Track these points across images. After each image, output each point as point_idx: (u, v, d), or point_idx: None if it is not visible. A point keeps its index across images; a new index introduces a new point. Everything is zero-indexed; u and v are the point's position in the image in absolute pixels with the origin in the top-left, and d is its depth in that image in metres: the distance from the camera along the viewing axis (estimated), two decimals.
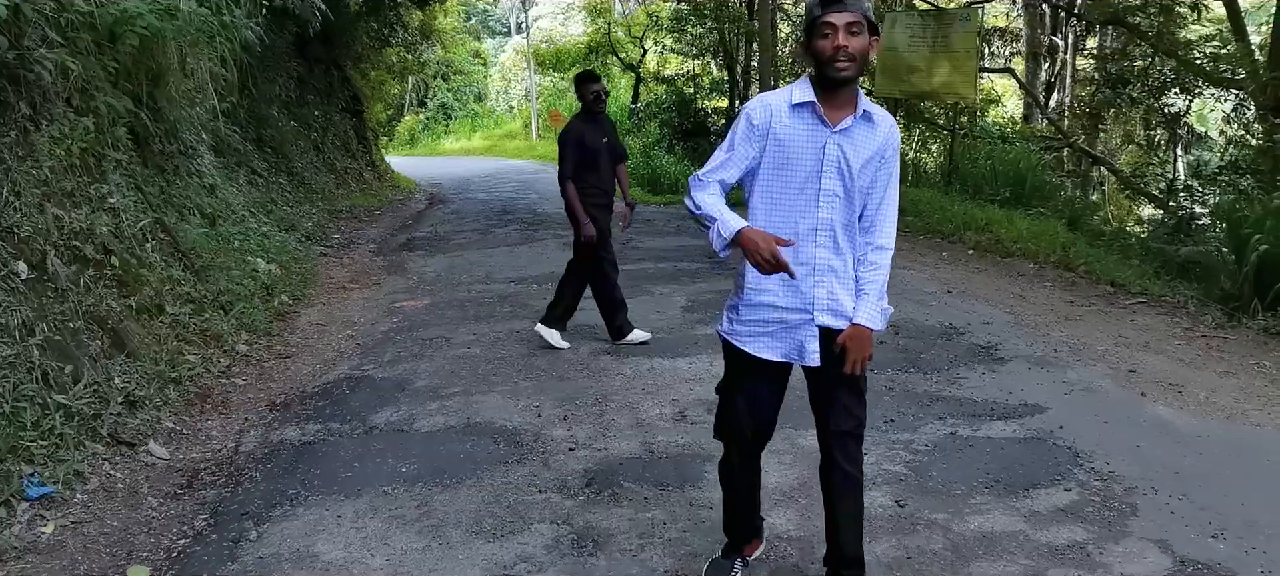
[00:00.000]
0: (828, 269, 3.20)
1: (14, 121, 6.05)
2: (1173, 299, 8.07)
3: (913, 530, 4.05)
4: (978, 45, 15.76)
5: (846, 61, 3.03)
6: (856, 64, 3.06)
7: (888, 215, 3.26)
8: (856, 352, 3.19)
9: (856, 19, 3.03)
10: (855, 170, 3.14)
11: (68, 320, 5.61)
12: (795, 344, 3.26)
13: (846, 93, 3.12)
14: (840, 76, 3.05)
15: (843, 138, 3.13)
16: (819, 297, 3.20)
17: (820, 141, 3.14)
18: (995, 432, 5.13)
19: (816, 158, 3.14)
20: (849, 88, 3.12)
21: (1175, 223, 12.74)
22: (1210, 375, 6.15)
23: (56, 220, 6.03)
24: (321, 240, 12.64)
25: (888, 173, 3.22)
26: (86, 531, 4.29)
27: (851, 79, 3.09)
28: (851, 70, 3.05)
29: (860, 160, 3.15)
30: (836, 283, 3.21)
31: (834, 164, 3.14)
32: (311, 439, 5.39)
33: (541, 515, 4.30)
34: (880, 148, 3.18)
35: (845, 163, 3.13)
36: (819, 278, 3.20)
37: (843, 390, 3.28)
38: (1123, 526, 4.03)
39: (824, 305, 3.21)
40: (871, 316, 3.20)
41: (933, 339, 6.96)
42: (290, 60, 17.30)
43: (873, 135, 3.17)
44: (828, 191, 3.16)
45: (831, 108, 3.13)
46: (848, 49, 3.02)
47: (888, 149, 3.20)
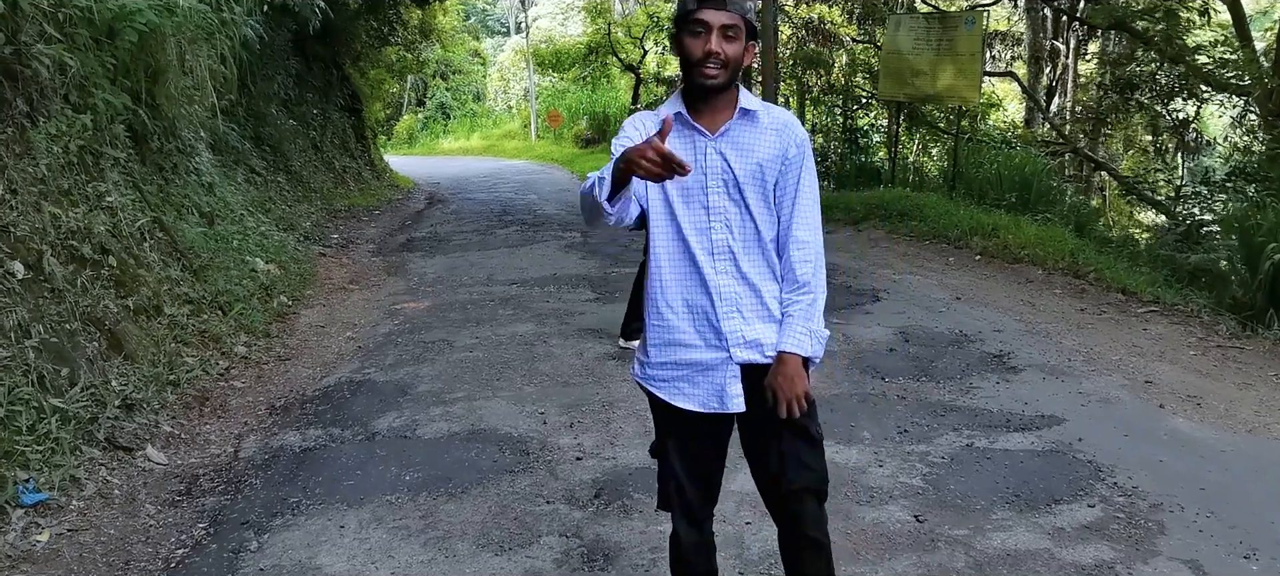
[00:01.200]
0: (733, 297, 2.77)
1: (11, 118, 5.93)
2: (1185, 308, 7.96)
3: (933, 547, 3.94)
4: (981, 49, 15.67)
5: (717, 69, 2.66)
6: (728, 71, 2.68)
7: (801, 221, 2.79)
8: (788, 390, 2.72)
9: (734, 21, 2.66)
10: (741, 178, 2.75)
11: (64, 321, 5.49)
12: (715, 389, 2.81)
13: (723, 98, 2.75)
14: (706, 83, 2.69)
15: (724, 142, 2.76)
16: (730, 331, 2.77)
17: (700, 152, 2.76)
18: (1013, 444, 5.02)
19: (700, 171, 2.75)
20: (723, 96, 2.75)
21: (1184, 230, 12.64)
22: (1228, 387, 6.05)
23: (53, 219, 5.91)
24: (320, 240, 12.51)
25: (793, 174, 2.78)
26: (82, 540, 4.17)
27: (721, 88, 2.71)
28: (721, 78, 2.68)
29: (748, 165, 2.75)
30: (749, 312, 2.78)
31: (717, 175, 2.75)
32: (312, 444, 5.27)
33: (550, 527, 4.19)
34: (776, 147, 2.77)
35: (729, 171, 2.75)
36: (728, 309, 2.77)
37: (786, 438, 2.81)
38: (1151, 545, 3.92)
39: (738, 339, 2.77)
40: (799, 342, 2.74)
41: (943, 346, 6.85)
42: (289, 58, 17.16)
43: (758, 135, 2.77)
44: (716, 208, 2.76)
45: (708, 114, 2.76)
46: (720, 55, 2.65)
47: (789, 148, 2.77)
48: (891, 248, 11.24)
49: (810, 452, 2.83)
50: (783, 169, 2.78)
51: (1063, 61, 23.53)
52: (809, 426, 2.81)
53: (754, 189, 2.76)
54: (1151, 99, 16.82)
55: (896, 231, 12.17)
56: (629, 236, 12.61)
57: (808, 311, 2.77)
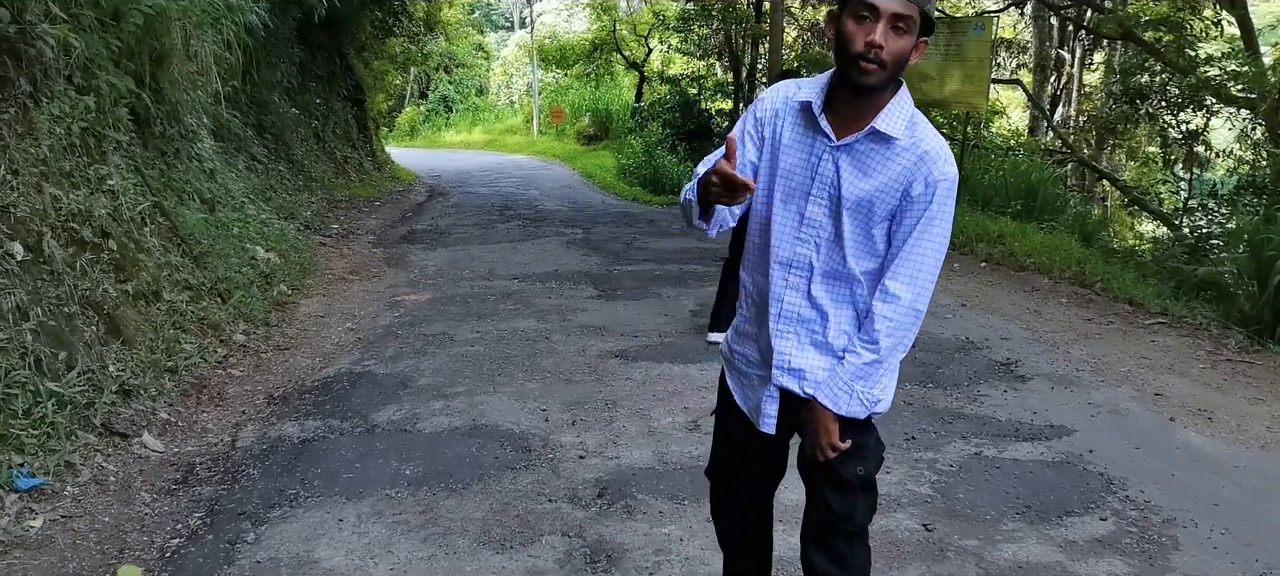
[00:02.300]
0: (796, 319, 2.51)
1: (13, 98, 5.85)
2: (1193, 320, 7.89)
3: (943, 557, 3.86)
4: (990, 55, 15.60)
5: (873, 65, 2.30)
6: (887, 70, 2.31)
7: (905, 272, 2.41)
8: (814, 439, 2.51)
9: (909, 11, 2.28)
10: (849, 201, 2.41)
11: (63, 304, 5.41)
12: (755, 402, 2.65)
13: (867, 103, 2.38)
14: (862, 81, 2.33)
15: (844, 155, 2.42)
16: (779, 351, 2.53)
17: (816, 155, 2.45)
18: (1022, 454, 4.95)
19: (808, 173, 2.46)
20: (872, 98, 2.38)
21: (1192, 243, 12.57)
22: (1239, 401, 5.98)
23: (54, 201, 5.83)
24: (321, 230, 12.44)
25: (916, 217, 2.40)
26: (77, 526, 4.09)
27: (874, 88, 2.35)
28: (876, 77, 2.32)
29: (861, 190, 2.40)
30: (804, 340, 2.52)
31: (825, 186, 2.43)
32: (311, 436, 5.20)
33: (552, 526, 4.11)
34: (902, 178, 2.39)
35: (837, 187, 2.42)
36: (783, 327, 2.52)
37: (817, 474, 2.62)
38: (1165, 561, 3.85)
39: (783, 363, 2.53)
40: (835, 398, 2.46)
41: (950, 353, 6.78)
42: (293, 46, 17.09)
43: (887, 158, 2.40)
44: (810, 219, 2.46)
45: (842, 115, 2.42)
46: (883, 49, 2.28)
47: (916, 183, 2.38)
48: None
49: (835, 495, 2.60)
50: (903, 204, 2.40)
51: (1068, 70, 23.50)
52: (840, 469, 2.55)
53: (857, 216, 2.42)
54: (1161, 109, 16.74)
55: None
56: (630, 234, 12.57)
57: (863, 371, 2.44)
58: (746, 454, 2.78)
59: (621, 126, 31.24)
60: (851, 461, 2.54)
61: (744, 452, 2.78)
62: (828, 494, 2.60)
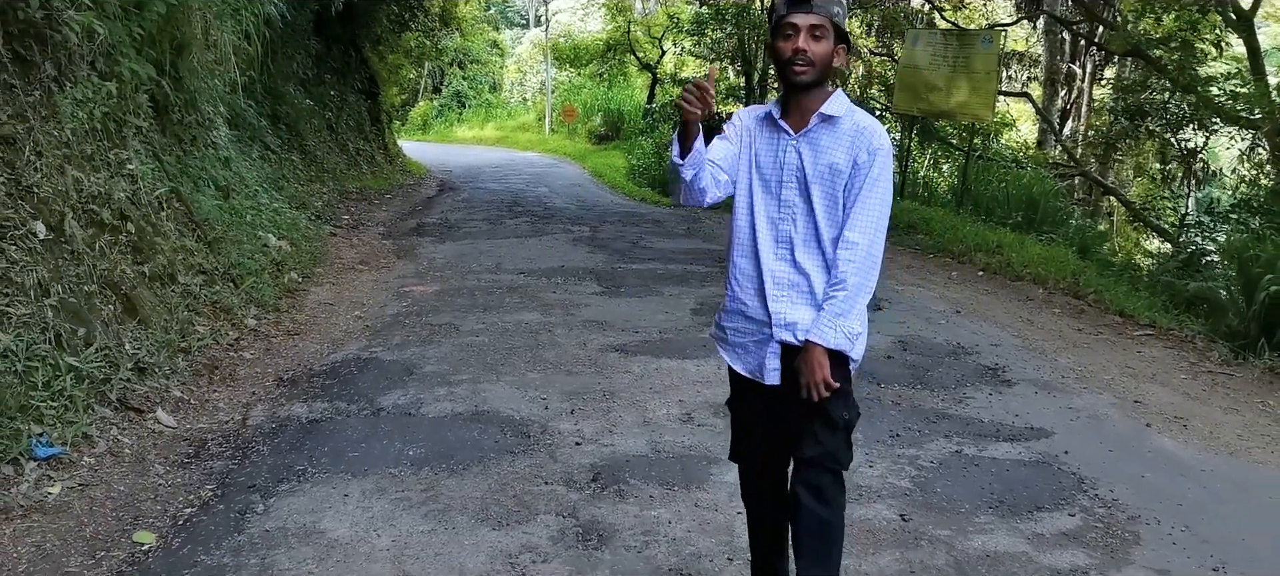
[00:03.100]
0: (788, 284, 3.03)
1: (39, 81, 6.07)
2: (1181, 332, 8.07)
3: (916, 544, 4.06)
4: (997, 68, 15.77)
5: (804, 66, 2.91)
6: (815, 68, 2.92)
7: (857, 224, 2.96)
8: (808, 376, 2.93)
9: (821, 22, 2.90)
10: (810, 176, 2.98)
11: (82, 283, 5.63)
12: (758, 361, 3.10)
13: (811, 98, 2.98)
14: (795, 80, 2.94)
15: (803, 143, 3.00)
16: (776, 312, 3.03)
17: (781, 149, 3.03)
18: (1000, 454, 5.14)
19: (776, 165, 3.03)
20: (813, 94, 2.98)
21: (1186, 258, 12.74)
22: (1215, 410, 6.16)
23: (76, 183, 6.05)
24: (331, 220, 12.67)
25: (862, 178, 2.95)
26: (93, 494, 4.31)
27: (809, 85, 2.95)
28: (809, 75, 2.92)
29: (820, 165, 2.97)
30: (797, 299, 3.02)
31: (792, 171, 3.00)
32: (319, 417, 5.41)
33: (547, 506, 4.32)
34: (848, 150, 2.96)
35: (800, 170, 2.99)
36: (778, 292, 3.03)
37: (806, 416, 3.02)
38: (1125, 554, 4.04)
39: (780, 320, 3.03)
40: (822, 333, 2.93)
41: (940, 357, 6.97)
42: (309, 38, 17.32)
43: (835, 137, 2.98)
44: (786, 201, 3.02)
45: (794, 115, 3.02)
46: (807, 52, 2.90)
47: (860, 153, 2.95)
48: (896, 259, 11.33)
49: (826, 431, 3.02)
50: (852, 171, 2.96)
51: (1078, 85, 23.63)
52: (829, 409, 2.98)
53: (821, 188, 2.97)
54: (1161, 127, 16.90)
55: (902, 244, 12.28)
56: (637, 233, 12.77)
57: (840, 308, 2.93)
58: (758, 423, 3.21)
59: (633, 127, 31.46)
60: (839, 405, 3.00)
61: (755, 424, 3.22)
62: (819, 430, 3.02)
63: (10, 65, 5.82)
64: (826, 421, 3.01)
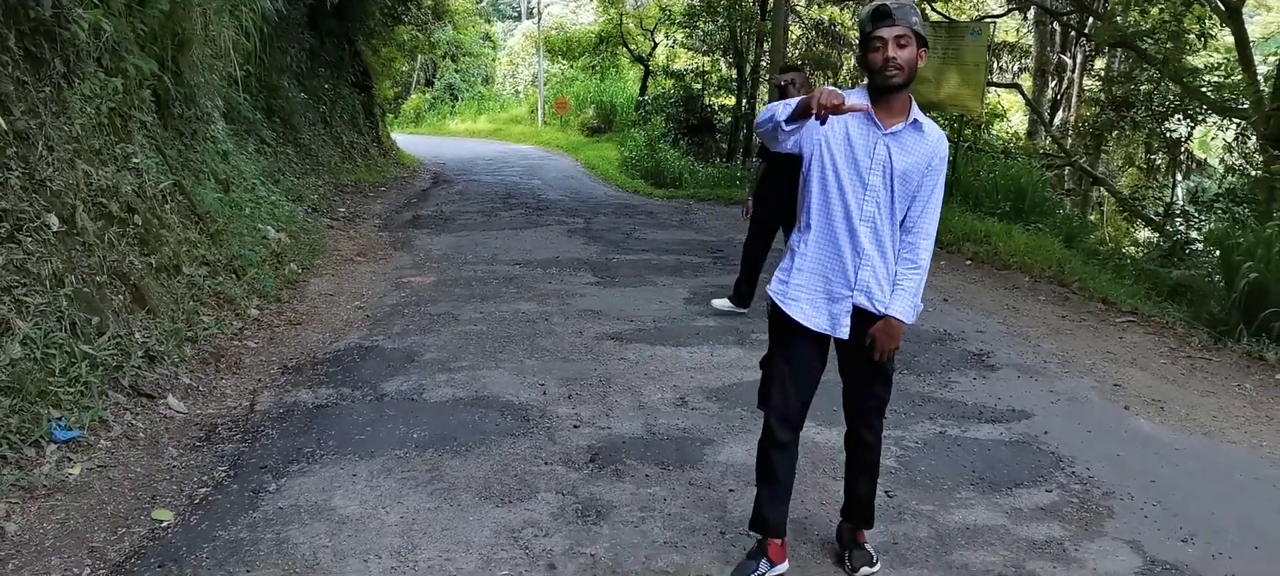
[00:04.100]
0: (869, 256, 3.50)
1: (49, 78, 6.23)
2: (1162, 319, 8.28)
3: (900, 519, 4.27)
4: (987, 59, 15.94)
5: (895, 71, 3.35)
6: (904, 72, 3.36)
7: (929, 217, 3.52)
8: (885, 343, 3.52)
9: (904, 32, 3.35)
10: (898, 171, 3.43)
11: (94, 274, 5.80)
12: (831, 317, 3.57)
13: (898, 100, 3.44)
14: (889, 83, 3.37)
15: (892, 140, 3.44)
16: (861, 279, 3.51)
17: (872, 141, 3.45)
18: (982, 434, 5.35)
19: (868, 154, 3.45)
20: (899, 95, 3.43)
21: (1170, 246, 12.96)
22: (1193, 393, 6.37)
23: (86, 176, 6.21)
24: (328, 212, 12.82)
25: (933, 179, 3.49)
26: (112, 475, 4.48)
27: (901, 86, 3.40)
28: (900, 78, 3.36)
29: (905, 163, 3.44)
30: (876, 270, 3.51)
31: (881, 163, 3.44)
32: (324, 402, 5.59)
33: (547, 485, 4.51)
34: (928, 155, 3.46)
35: (890, 163, 3.43)
36: (863, 261, 3.50)
37: (870, 371, 3.64)
38: (1099, 526, 4.26)
39: (863, 287, 3.51)
40: (904, 310, 3.50)
41: (927, 343, 7.17)
42: (303, 31, 17.44)
43: (922, 142, 3.46)
44: (872, 186, 3.46)
45: (884, 113, 3.45)
46: (896, 60, 3.34)
47: (935, 157, 3.48)
48: None
49: (884, 386, 3.72)
50: (926, 172, 3.48)
51: (1069, 76, 23.83)
52: (887, 367, 3.66)
53: (901, 183, 3.46)
54: (1146, 118, 17.10)
55: None
56: (630, 225, 12.95)
57: (915, 287, 3.52)
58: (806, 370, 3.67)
59: (625, 119, 31.62)
60: (893, 360, 3.67)
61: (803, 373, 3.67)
62: (878, 386, 3.71)
63: (22, 62, 5.98)
64: (885, 377, 3.69)
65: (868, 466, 3.85)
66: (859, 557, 3.83)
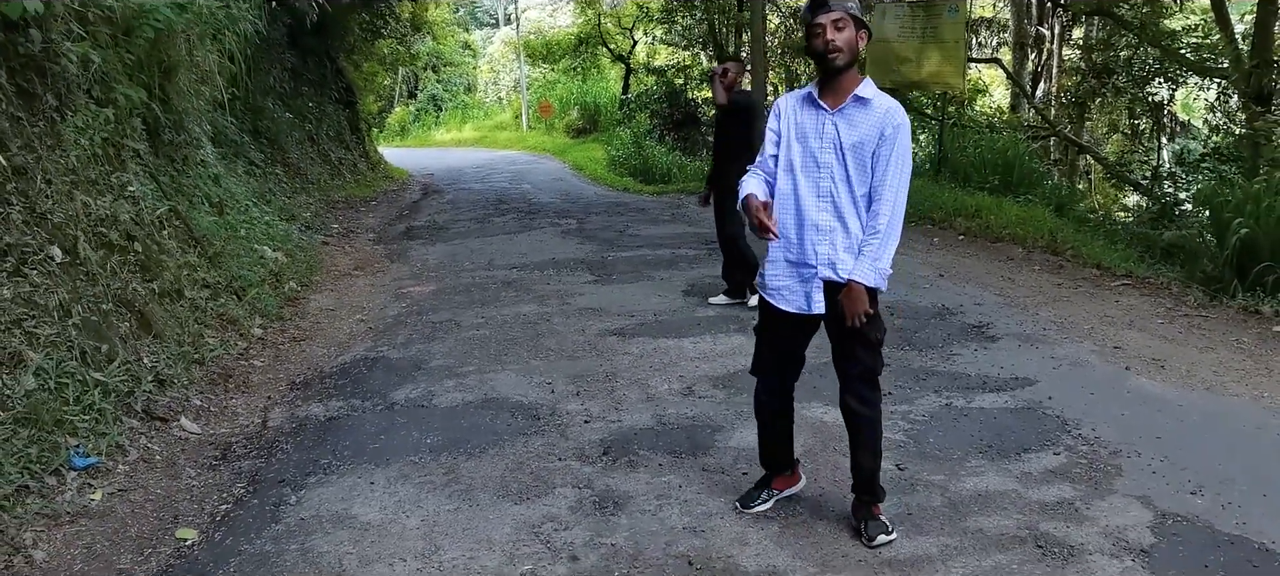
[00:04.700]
0: (829, 230, 3.68)
1: (42, 112, 6.27)
2: (1157, 280, 8.37)
3: (913, 490, 4.34)
4: (966, 36, 16.03)
5: (835, 52, 3.57)
6: (845, 53, 3.58)
7: (888, 185, 3.62)
8: (850, 307, 3.65)
9: (841, 16, 3.58)
10: (847, 145, 3.62)
11: (99, 302, 5.84)
12: (804, 296, 3.76)
13: (843, 81, 3.63)
14: (833, 66, 3.60)
15: (839, 117, 3.64)
16: (821, 255, 3.70)
17: (821, 122, 3.67)
18: (987, 404, 5.42)
19: (818, 136, 3.67)
20: (845, 76, 3.63)
21: (1159, 209, 13.06)
22: (1191, 350, 6.46)
23: (84, 207, 6.25)
24: (322, 229, 12.85)
25: (888, 148, 3.61)
26: (132, 498, 4.53)
27: (844, 67, 3.61)
28: (841, 59, 3.58)
29: (854, 137, 3.62)
30: (837, 244, 3.68)
31: (830, 140, 3.65)
32: (335, 414, 5.64)
33: (563, 480, 4.57)
34: (877, 126, 3.61)
35: (839, 140, 3.63)
36: (821, 237, 3.69)
37: (848, 339, 3.77)
38: (1108, 485, 4.33)
39: (825, 261, 3.69)
40: (864, 274, 3.62)
41: (927, 319, 7.24)
42: (284, 51, 17.48)
43: (867, 115, 3.62)
44: (825, 164, 3.66)
45: (831, 95, 3.66)
46: (835, 42, 3.56)
47: (886, 127, 3.60)
48: None
49: (864, 350, 3.80)
50: (880, 141, 3.61)
51: (1048, 47, 23.93)
52: (867, 332, 3.74)
53: (853, 155, 3.64)
54: (1127, 83, 17.21)
55: None
56: (623, 222, 13.02)
57: (876, 251, 3.63)
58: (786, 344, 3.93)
59: (610, 118, 31.68)
60: (874, 327, 3.76)
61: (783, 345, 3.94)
62: (859, 351, 3.80)
63: (15, 99, 6.02)
64: (865, 343, 3.78)
65: (863, 438, 3.93)
66: (874, 527, 3.91)
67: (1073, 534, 3.89)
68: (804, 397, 5.42)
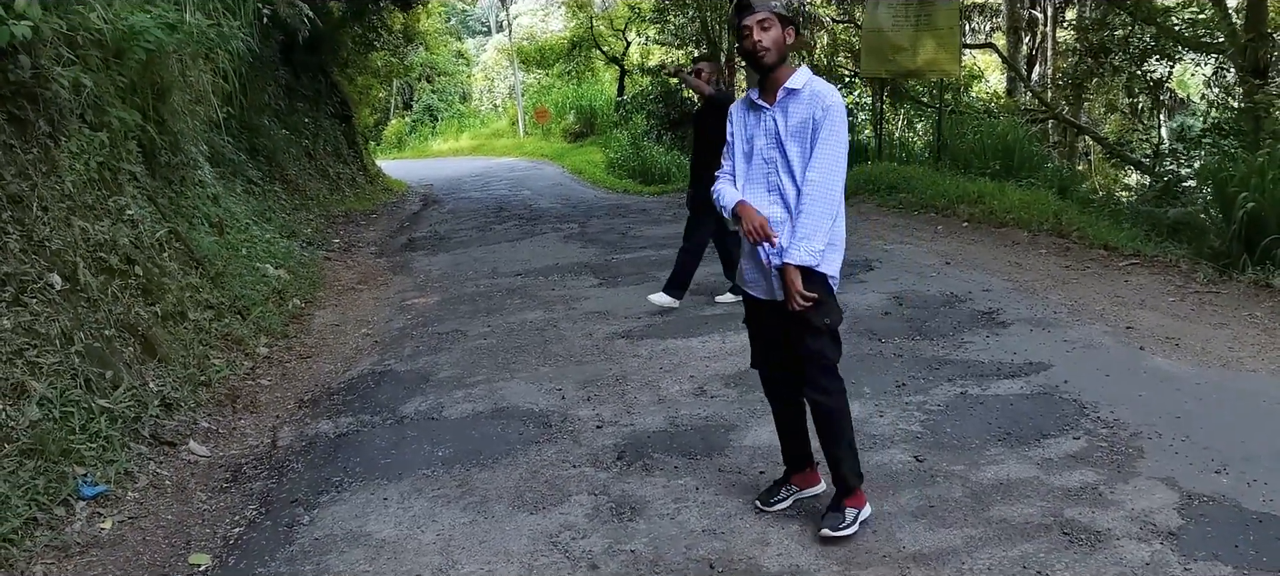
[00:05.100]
0: (781, 222, 3.77)
1: (35, 139, 6.21)
2: (1165, 259, 8.31)
3: (933, 482, 4.28)
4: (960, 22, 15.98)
5: (763, 51, 3.66)
6: (773, 51, 3.67)
7: (816, 167, 3.67)
8: (788, 288, 3.69)
9: (765, 16, 3.66)
10: (784, 136, 3.73)
11: (102, 328, 5.79)
12: (766, 284, 3.86)
13: (776, 77, 3.74)
14: (763, 64, 3.70)
15: (776, 111, 3.75)
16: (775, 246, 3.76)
17: (762, 119, 3.81)
18: (1003, 390, 5.36)
19: (761, 134, 3.81)
20: (776, 73, 3.73)
21: (1162, 186, 13.00)
22: (1205, 327, 6.40)
23: (82, 232, 6.20)
24: (323, 245, 12.79)
25: (820, 130, 3.67)
26: (143, 525, 4.48)
27: (774, 65, 3.70)
28: (769, 57, 3.67)
29: (790, 127, 3.73)
30: (786, 233, 3.74)
31: (771, 135, 3.77)
32: (345, 431, 5.58)
33: (578, 487, 4.51)
34: (809, 112, 3.69)
35: (777, 133, 3.75)
36: (775, 229, 3.76)
37: (795, 323, 3.79)
38: (1131, 467, 4.27)
39: (777, 252, 3.75)
40: (793, 254, 3.67)
41: (936, 308, 7.18)
42: (278, 68, 17.41)
43: (799, 104, 3.72)
44: (769, 159, 3.79)
45: (767, 93, 3.80)
46: (762, 42, 3.65)
47: (817, 110, 3.68)
48: (881, 219, 11.58)
49: (812, 337, 3.78)
50: (814, 127, 3.69)
51: (1042, 30, 23.90)
52: (810, 317, 3.73)
53: (793, 144, 3.73)
54: (1125, 62, 17.15)
55: (885, 204, 12.51)
56: (625, 225, 12.97)
57: (804, 231, 3.66)
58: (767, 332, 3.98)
59: (606, 121, 31.61)
60: (818, 313, 3.74)
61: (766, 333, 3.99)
62: (807, 338, 3.79)
63: (7, 126, 5.96)
64: (811, 329, 3.77)
65: (822, 425, 3.91)
66: (830, 520, 3.87)
67: (1098, 519, 3.83)
68: None
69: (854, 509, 3.88)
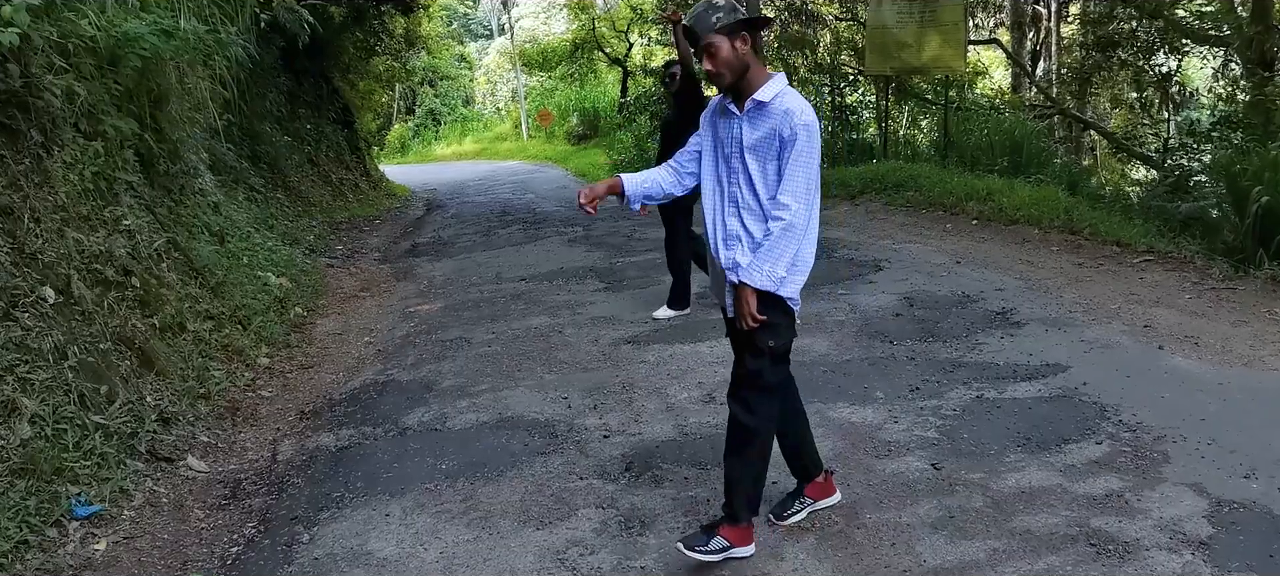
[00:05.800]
0: (736, 235, 3.67)
1: (27, 149, 6.10)
2: (1179, 255, 8.17)
3: (952, 491, 4.14)
4: (964, 18, 15.84)
5: (716, 77, 3.58)
6: (728, 72, 3.56)
7: (786, 190, 3.53)
8: (740, 309, 3.60)
9: (708, 41, 3.52)
10: (746, 147, 3.61)
11: (97, 341, 5.67)
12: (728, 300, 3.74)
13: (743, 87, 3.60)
14: (722, 86, 3.62)
15: (744, 121, 3.63)
16: (728, 259, 3.68)
17: (730, 125, 3.68)
18: (1021, 393, 5.22)
19: (728, 141, 3.69)
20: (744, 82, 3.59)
21: (1173, 181, 12.85)
22: (1224, 325, 6.25)
23: (77, 244, 6.08)
24: (325, 252, 12.69)
25: (789, 150, 3.53)
26: (139, 545, 4.35)
27: (731, 84, 3.60)
28: (727, 78, 3.57)
29: (753, 138, 3.60)
30: (743, 248, 3.64)
31: (735, 144, 3.66)
32: (347, 443, 5.46)
33: (586, 501, 4.38)
34: (773, 127, 3.56)
35: (741, 143, 3.63)
36: (732, 241, 3.68)
37: (741, 342, 3.73)
38: (1157, 473, 4.13)
39: (731, 264, 3.66)
40: (750, 275, 3.56)
41: (948, 308, 7.05)
42: (279, 74, 17.32)
43: (765, 117, 3.59)
44: (734, 168, 3.68)
45: (738, 100, 3.66)
46: (712, 68, 3.56)
47: (783, 127, 3.53)
48: (889, 218, 11.45)
49: (752, 357, 3.67)
50: (780, 145, 3.55)
51: (1046, 25, 23.76)
52: (755, 338, 3.63)
53: (754, 158, 3.61)
54: (1133, 55, 17.00)
55: (893, 203, 12.37)
56: (631, 228, 12.83)
57: (764, 254, 3.54)
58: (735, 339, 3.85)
59: (610, 123, 31.50)
60: (765, 334, 3.62)
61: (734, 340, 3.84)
62: (747, 358, 3.70)
63: None
64: (753, 349, 3.66)
65: (734, 441, 3.77)
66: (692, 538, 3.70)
67: (1126, 529, 3.69)
68: (829, 398, 5.29)
69: (726, 541, 3.67)
